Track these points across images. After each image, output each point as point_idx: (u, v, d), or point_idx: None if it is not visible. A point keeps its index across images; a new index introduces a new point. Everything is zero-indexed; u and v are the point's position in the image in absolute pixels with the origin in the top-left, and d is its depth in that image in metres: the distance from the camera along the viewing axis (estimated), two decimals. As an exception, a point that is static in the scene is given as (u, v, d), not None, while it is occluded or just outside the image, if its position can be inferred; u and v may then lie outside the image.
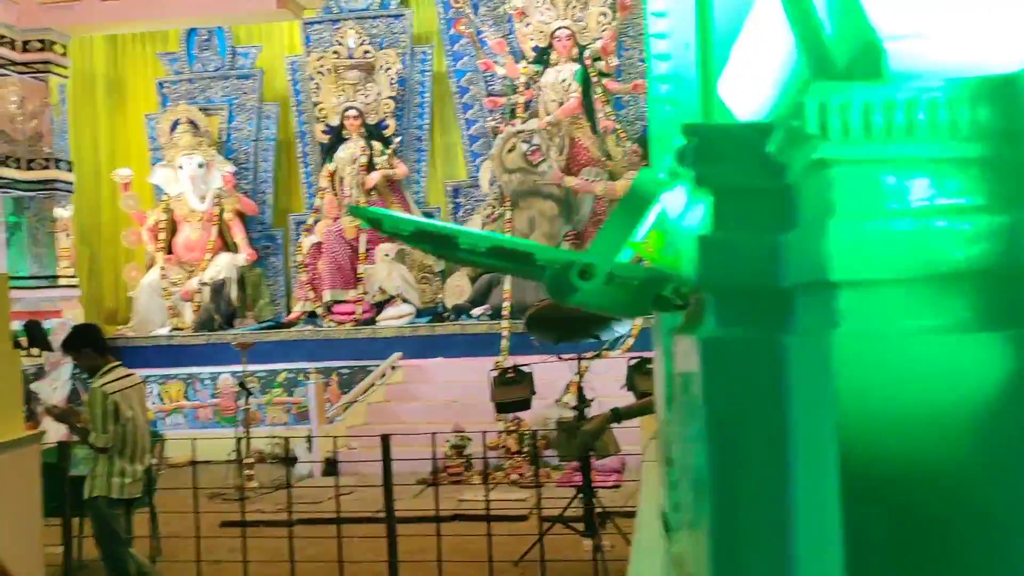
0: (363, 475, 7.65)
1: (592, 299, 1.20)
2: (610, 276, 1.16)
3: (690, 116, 1.60)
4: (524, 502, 6.48)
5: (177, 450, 7.59)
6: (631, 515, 5.66)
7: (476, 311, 9.92)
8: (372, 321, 10.17)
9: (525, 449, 7.30)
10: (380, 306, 10.37)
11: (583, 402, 4.99)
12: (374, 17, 10.99)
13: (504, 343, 9.25)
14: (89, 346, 4.38)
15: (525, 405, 5.10)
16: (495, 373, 5.09)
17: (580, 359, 5.01)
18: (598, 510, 5.04)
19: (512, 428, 7.49)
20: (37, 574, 3.59)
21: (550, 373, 6.07)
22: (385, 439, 4.73)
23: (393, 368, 9.19)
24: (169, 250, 10.93)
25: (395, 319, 10.13)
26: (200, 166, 10.75)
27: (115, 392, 4.30)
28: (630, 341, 7.40)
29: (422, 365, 9.35)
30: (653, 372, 4.59)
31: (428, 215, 11.02)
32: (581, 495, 4.99)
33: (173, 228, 11.00)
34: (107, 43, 11.56)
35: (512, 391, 5.03)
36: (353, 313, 10.28)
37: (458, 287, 10.37)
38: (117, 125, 11.80)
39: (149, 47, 11.76)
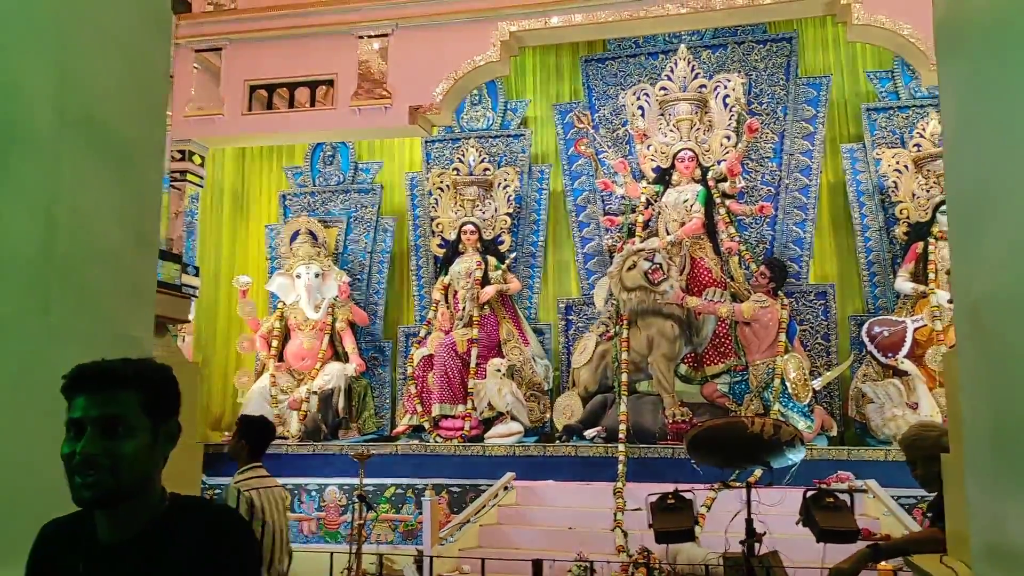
0: (473, 602, 7.21)
1: None
2: None
3: None
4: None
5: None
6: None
7: (589, 433, 9.54)
8: (480, 438, 9.87)
9: (656, 585, 6.77)
10: (488, 423, 10.08)
11: (752, 536, 4.54)
12: (494, 136, 11.22)
13: (621, 468, 8.80)
14: (249, 441, 4.19)
15: (688, 536, 4.67)
16: (654, 498, 4.70)
17: (749, 487, 4.59)
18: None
19: (641, 560, 6.98)
20: None
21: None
22: (537, 564, 4.38)
23: (506, 489, 8.81)
24: (280, 358, 10.96)
25: (504, 437, 9.80)
26: (317, 275, 10.88)
27: (250, 490, 4.05)
28: (754, 474, 6.90)
29: (534, 487, 8.94)
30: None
31: (539, 331, 10.86)
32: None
33: (285, 336, 11.06)
34: (236, 155, 12.06)
35: (674, 519, 4.62)
36: (461, 429, 10.01)
37: (568, 407, 10.04)
38: (239, 233, 12.15)
39: (276, 161, 12.21)
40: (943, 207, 9.38)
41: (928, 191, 9.57)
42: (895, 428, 8.74)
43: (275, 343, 10.95)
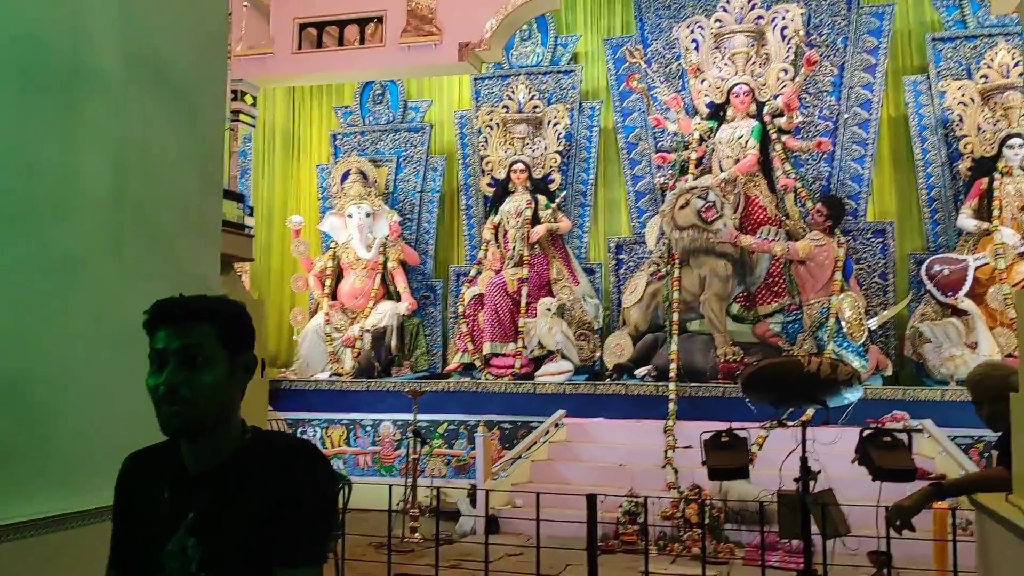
0: (524, 535, 7.37)
1: None
2: None
3: None
4: (715, 579, 6.03)
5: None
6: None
7: (639, 371, 9.56)
8: (530, 376, 9.97)
9: (706, 521, 6.82)
10: (538, 361, 10.17)
11: (807, 474, 4.54)
12: (544, 73, 11.05)
13: (672, 406, 8.84)
14: None
15: (742, 473, 4.68)
16: (708, 436, 4.71)
17: (804, 426, 4.57)
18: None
19: (692, 497, 7.04)
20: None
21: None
22: (591, 499, 4.46)
23: (557, 426, 8.91)
24: (333, 296, 11.13)
25: (554, 375, 9.88)
26: (368, 215, 10.96)
27: None
28: (806, 414, 6.85)
29: (584, 424, 9.04)
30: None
31: (589, 271, 10.84)
32: (803, 578, 4.50)
33: (338, 275, 11.21)
34: (286, 95, 12.09)
35: (728, 457, 4.63)
36: (511, 367, 10.11)
37: (618, 346, 10.05)
38: (290, 173, 12.25)
39: (326, 100, 12.23)
40: (1010, 141, 9.04)
41: (995, 124, 9.21)
42: (952, 368, 8.60)
43: (328, 282, 11.12)
